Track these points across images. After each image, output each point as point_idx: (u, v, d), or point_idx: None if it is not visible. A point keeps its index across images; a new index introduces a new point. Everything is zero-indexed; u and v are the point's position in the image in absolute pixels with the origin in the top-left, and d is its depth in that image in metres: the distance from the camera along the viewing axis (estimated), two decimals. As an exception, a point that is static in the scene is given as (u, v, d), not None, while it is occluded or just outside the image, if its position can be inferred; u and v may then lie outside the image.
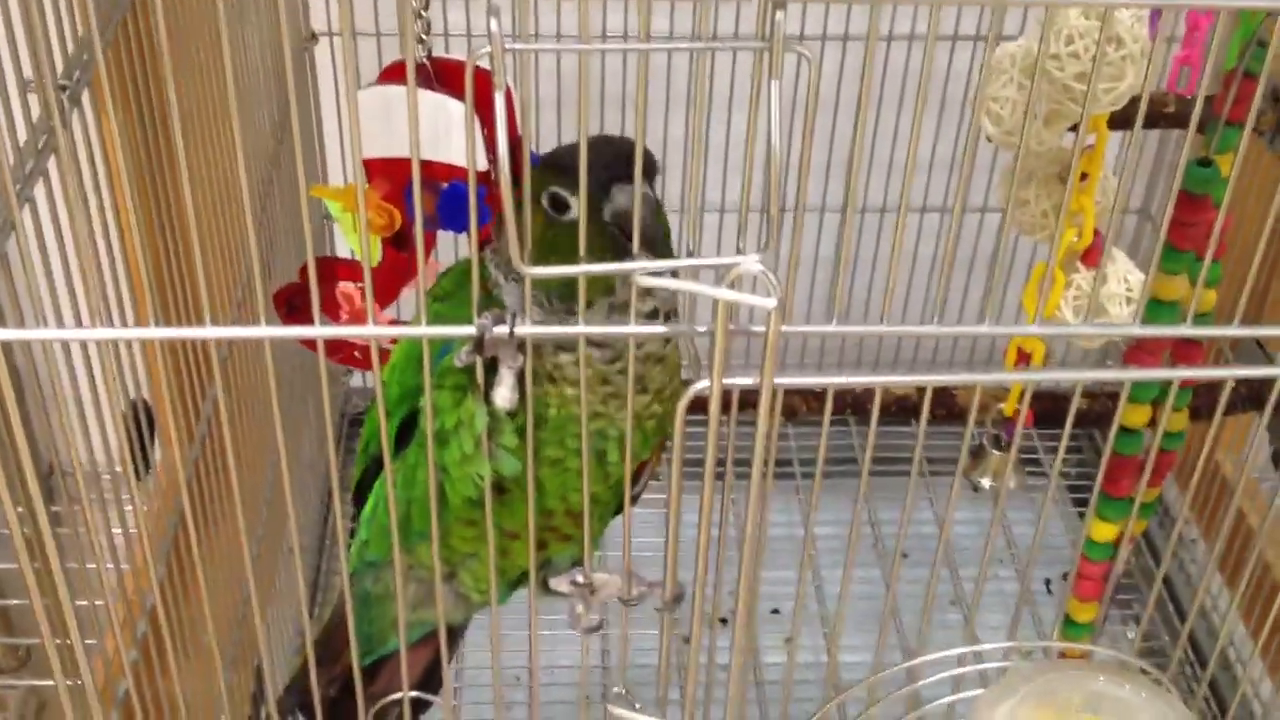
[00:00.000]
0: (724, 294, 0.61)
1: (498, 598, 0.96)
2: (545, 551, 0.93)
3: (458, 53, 1.51)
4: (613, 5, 1.49)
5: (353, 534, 1.02)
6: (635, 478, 0.93)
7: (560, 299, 0.80)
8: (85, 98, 0.79)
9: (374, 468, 0.98)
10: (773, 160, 0.57)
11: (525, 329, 0.70)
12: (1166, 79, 1.15)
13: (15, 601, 1.40)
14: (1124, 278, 1.00)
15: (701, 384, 0.66)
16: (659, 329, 0.72)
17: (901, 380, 0.83)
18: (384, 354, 1.12)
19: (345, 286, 1.25)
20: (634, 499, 0.95)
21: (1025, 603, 0.90)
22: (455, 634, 1.07)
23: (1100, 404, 1.26)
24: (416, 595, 0.97)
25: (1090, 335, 0.69)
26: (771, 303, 0.59)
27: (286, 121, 1.40)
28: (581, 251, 0.68)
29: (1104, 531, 0.96)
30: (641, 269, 0.63)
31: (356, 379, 1.81)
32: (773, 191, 0.58)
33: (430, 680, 1.07)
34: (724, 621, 1.47)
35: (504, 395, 0.77)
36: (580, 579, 0.90)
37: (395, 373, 0.91)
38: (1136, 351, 0.89)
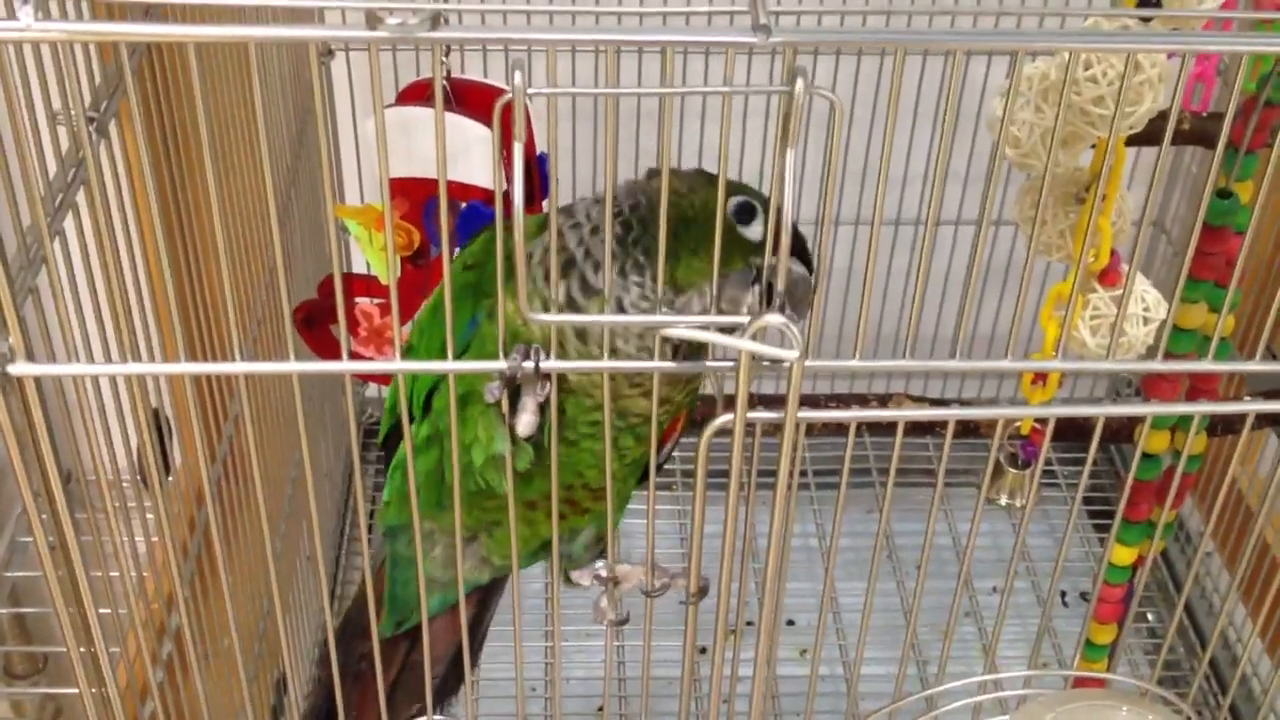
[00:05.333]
0: (747, 345, 0.61)
1: (518, 565, 0.98)
2: (565, 523, 0.94)
3: (472, 64, 1.52)
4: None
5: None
6: (660, 445, 0.94)
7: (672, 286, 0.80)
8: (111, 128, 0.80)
9: (399, 425, 0.99)
10: (784, 232, 0.58)
11: (551, 364, 0.70)
12: (1181, 96, 1.15)
13: (32, 610, 1.41)
14: (1140, 297, 1.00)
15: (725, 417, 0.67)
16: (685, 365, 0.73)
17: (924, 415, 0.84)
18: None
19: (363, 303, 1.25)
20: (659, 467, 0.96)
21: (1045, 628, 0.90)
22: (488, 595, 1.07)
23: (1116, 420, 1.26)
24: (444, 556, 0.98)
25: (1113, 370, 0.69)
26: (794, 355, 0.60)
27: (303, 137, 1.41)
28: (607, 303, 0.68)
29: (1123, 555, 0.96)
30: (663, 323, 0.64)
31: (372, 390, 1.82)
32: (781, 264, 0.59)
33: (470, 641, 1.08)
34: (731, 632, 1.47)
35: (527, 422, 0.78)
36: (603, 573, 0.90)
37: (422, 335, 0.93)
38: (1156, 380, 0.89)
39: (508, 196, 1.11)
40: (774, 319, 0.60)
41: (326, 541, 1.61)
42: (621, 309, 0.80)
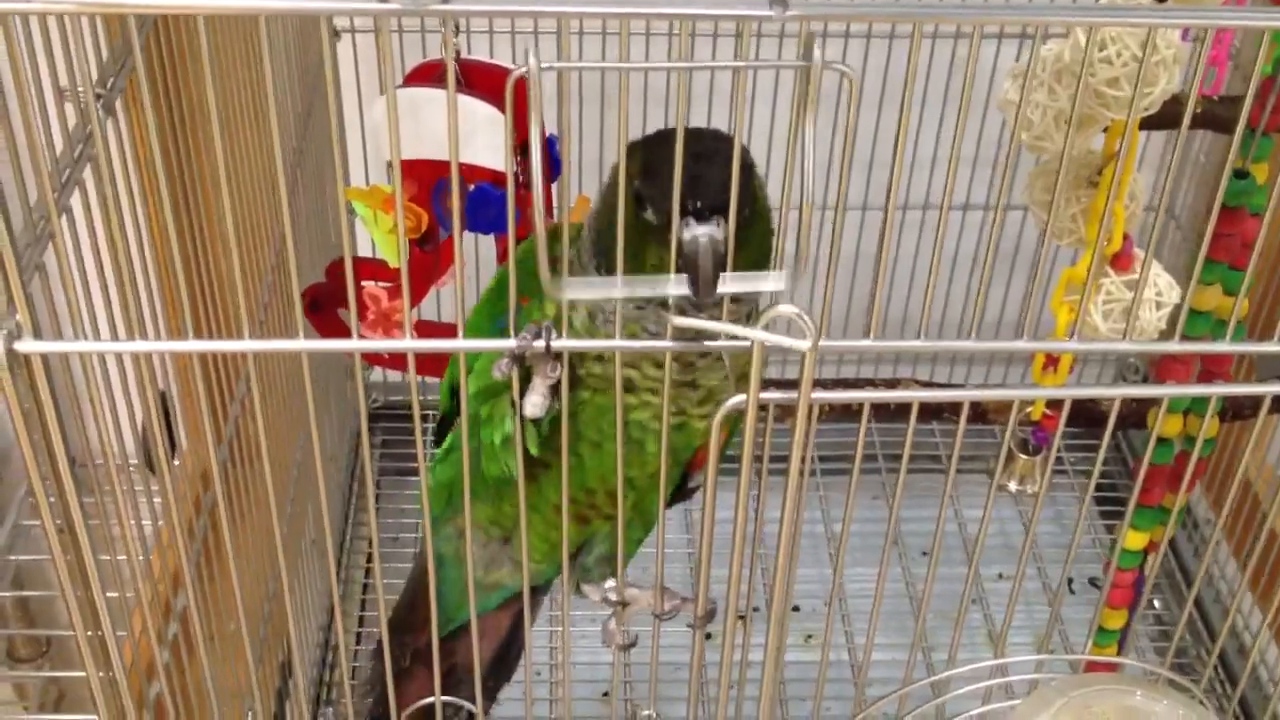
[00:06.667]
0: (760, 335, 0.61)
1: (548, 573, 0.99)
2: (589, 527, 0.94)
3: (478, 45, 1.51)
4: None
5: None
6: (691, 471, 0.93)
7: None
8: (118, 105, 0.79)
9: (453, 414, 1.00)
10: (806, 206, 0.58)
11: (561, 342, 0.70)
12: (1199, 77, 1.15)
13: (36, 593, 1.41)
14: (1152, 281, 0.99)
15: (738, 398, 0.66)
16: (693, 345, 0.73)
17: (938, 396, 0.83)
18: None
19: (370, 287, 1.25)
20: (690, 493, 0.95)
21: (1056, 614, 0.89)
22: (533, 597, 1.06)
23: (1125, 406, 1.25)
24: (481, 557, 0.98)
25: (1128, 351, 0.68)
26: (806, 344, 0.60)
27: (310, 119, 1.40)
28: (619, 264, 0.68)
29: (1135, 540, 0.95)
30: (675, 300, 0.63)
31: (377, 374, 1.81)
32: (804, 236, 0.59)
33: (509, 647, 1.09)
34: (741, 618, 1.47)
35: (534, 403, 0.77)
36: (613, 595, 0.90)
37: (470, 331, 0.93)
38: (1169, 363, 0.88)
39: (516, 178, 1.11)
40: (786, 309, 0.60)
41: (332, 525, 1.61)
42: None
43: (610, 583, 0.91)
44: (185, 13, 0.53)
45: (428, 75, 1.25)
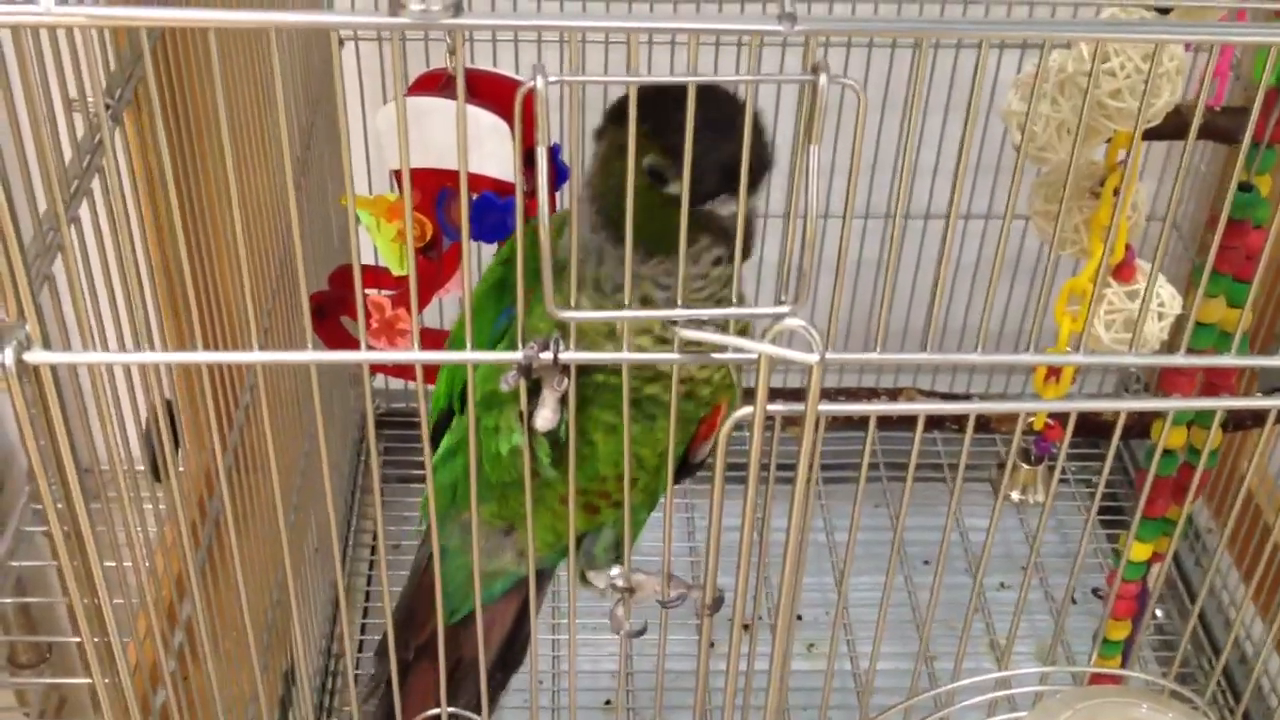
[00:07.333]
0: (766, 349, 0.61)
1: (553, 560, 1.00)
2: (599, 516, 0.94)
3: (481, 54, 1.52)
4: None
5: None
6: (695, 446, 0.94)
7: (649, 252, 0.79)
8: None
9: (443, 419, 0.99)
10: (810, 223, 0.58)
11: (569, 355, 0.70)
12: (1207, 89, 1.15)
13: (37, 600, 1.41)
14: (1155, 292, 0.99)
15: (744, 410, 0.67)
16: (703, 357, 0.73)
17: (945, 409, 0.83)
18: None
19: (373, 295, 1.25)
20: (694, 469, 0.95)
21: (1061, 625, 0.89)
22: (537, 582, 1.08)
23: (1129, 416, 1.25)
24: (484, 548, 0.98)
25: (1133, 364, 0.68)
26: (814, 358, 0.60)
27: (313, 129, 1.41)
28: (627, 290, 0.68)
29: (1139, 551, 0.95)
30: (682, 316, 0.64)
31: (378, 380, 1.81)
32: (807, 253, 0.59)
33: (515, 639, 1.08)
34: (745, 628, 1.47)
35: (545, 417, 0.77)
36: (619, 581, 0.90)
37: (462, 328, 0.93)
38: (1172, 374, 0.89)
39: (511, 186, 1.10)
40: (792, 322, 0.60)
41: (335, 533, 1.60)
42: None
43: (615, 569, 0.91)
44: (198, 26, 0.53)
45: (431, 84, 1.26)
